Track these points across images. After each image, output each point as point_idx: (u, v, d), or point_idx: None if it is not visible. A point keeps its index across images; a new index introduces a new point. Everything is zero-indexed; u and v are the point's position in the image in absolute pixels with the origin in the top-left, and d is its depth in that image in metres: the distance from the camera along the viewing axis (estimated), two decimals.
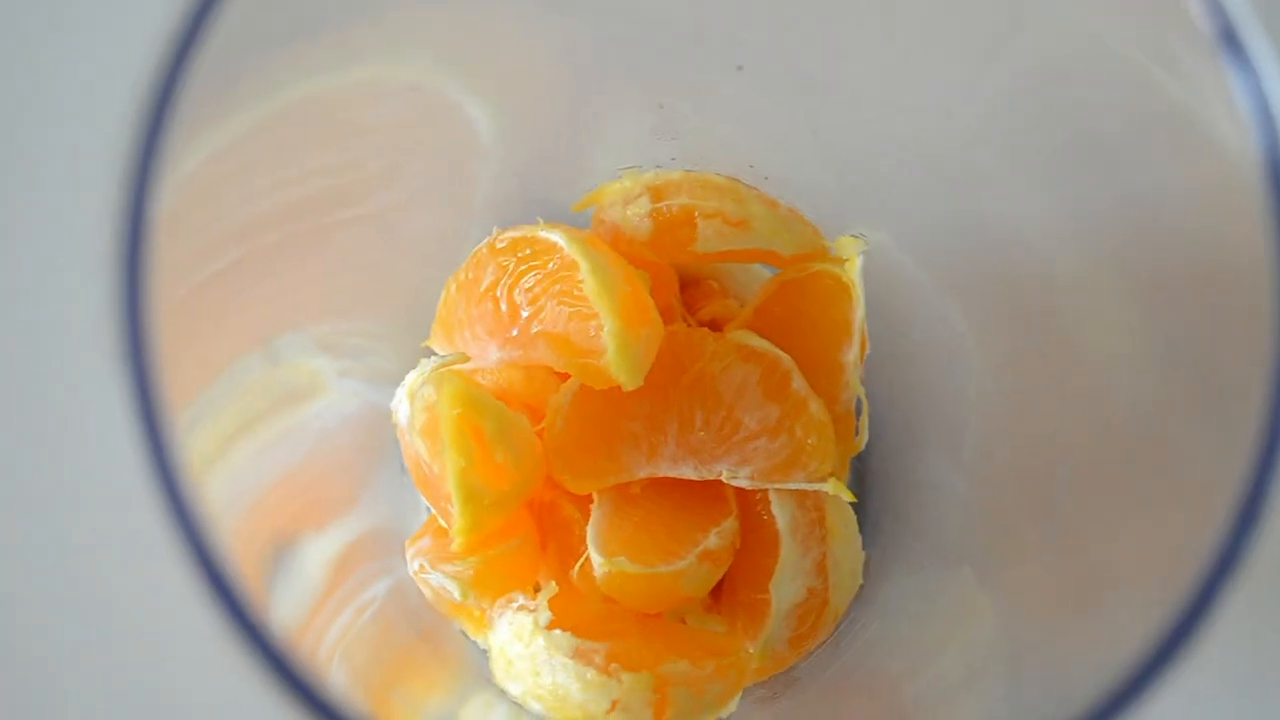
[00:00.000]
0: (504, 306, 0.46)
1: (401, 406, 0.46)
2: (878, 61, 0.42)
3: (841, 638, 0.47)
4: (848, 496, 0.47)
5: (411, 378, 0.45)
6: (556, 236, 0.45)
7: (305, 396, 0.46)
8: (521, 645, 0.43)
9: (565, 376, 0.47)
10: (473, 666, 0.46)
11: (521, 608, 0.43)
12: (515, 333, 0.46)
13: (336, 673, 0.39)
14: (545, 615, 0.43)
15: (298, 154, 0.39)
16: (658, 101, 0.44)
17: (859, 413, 0.48)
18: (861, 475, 0.51)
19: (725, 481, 0.45)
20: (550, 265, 0.45)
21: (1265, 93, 0.28)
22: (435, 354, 0.48)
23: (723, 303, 0.51)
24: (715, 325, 0.50)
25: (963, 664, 0.41)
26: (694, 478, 0.44)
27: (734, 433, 0.45)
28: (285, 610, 0.40)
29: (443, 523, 0.45)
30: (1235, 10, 0.29)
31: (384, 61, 0.41)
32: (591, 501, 0.47)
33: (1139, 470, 0.37)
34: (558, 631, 0.42)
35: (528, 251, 0.45)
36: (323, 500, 0.46)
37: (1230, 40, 0.29)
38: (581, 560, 0.45)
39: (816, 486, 0.45)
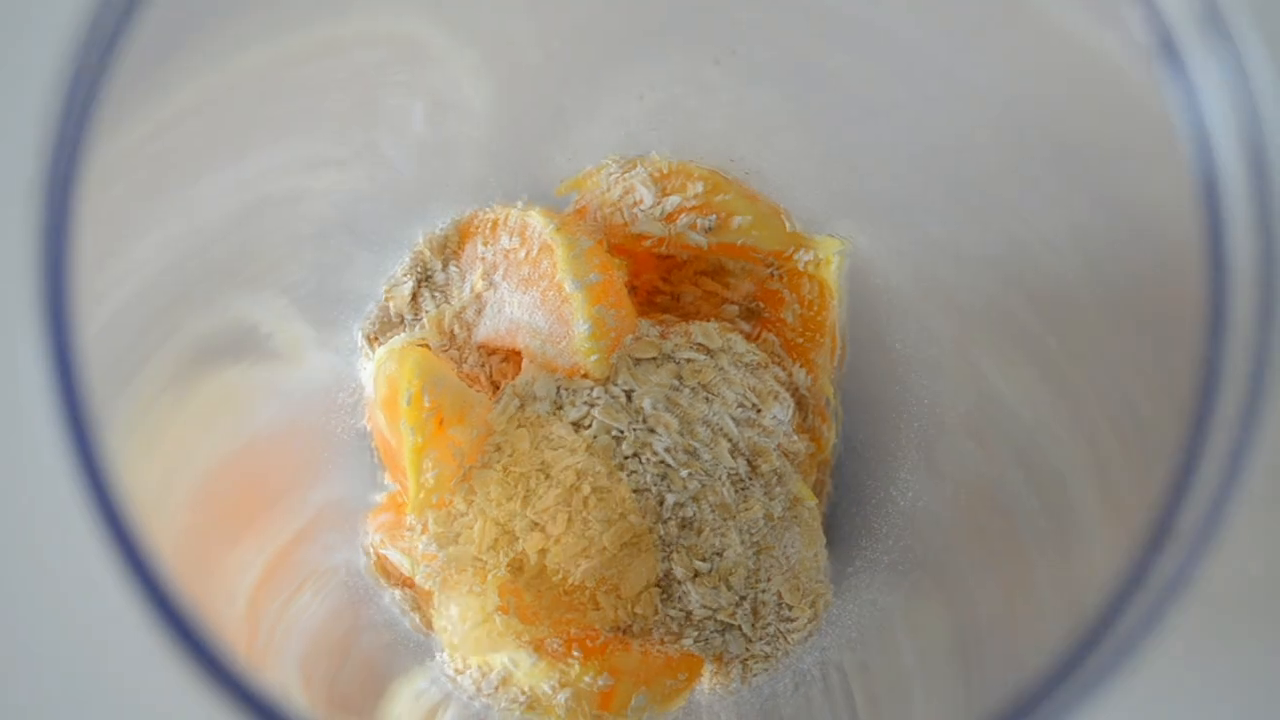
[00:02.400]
0: (482, 292, 0.46)
1: (368, 379, 0.46)
2: (866, 55, 0.41)
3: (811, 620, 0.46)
4: (811, 497, 0.46)
5: (380, 353, 0.45)
6: (535, 220, 0.45)
7: (283, 364, 0.45)
8: (470, 627, 0.42)
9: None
10: (415, 646, 0.45)
11: (472, 590, 0.43)
12: (489, 319, 0.46)
13: (285, 651, 0.39)
14: (494, 599, 0.42)
15: (265, 132, 0.39)
16: (638, 93, 0.44)
17: (831, 415, 0.48)
18: (833, 474, 0.50)
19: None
20: (524, 252, 0.45)
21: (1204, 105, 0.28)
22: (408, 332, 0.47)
23: (706, 292, 0.50)
24: (696, 314, 0.49)
25: (917, 650, 0.41)
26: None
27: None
28: (246, 579, 0.40)
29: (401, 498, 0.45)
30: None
31: (362, 42, 0.41)
32: None
33: (1107, 484, 0.36)
34: (507, 615, 0.42)
35: (505, 238, 0.45)
36: (289, 471, 0.46)
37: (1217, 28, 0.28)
38: None
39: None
